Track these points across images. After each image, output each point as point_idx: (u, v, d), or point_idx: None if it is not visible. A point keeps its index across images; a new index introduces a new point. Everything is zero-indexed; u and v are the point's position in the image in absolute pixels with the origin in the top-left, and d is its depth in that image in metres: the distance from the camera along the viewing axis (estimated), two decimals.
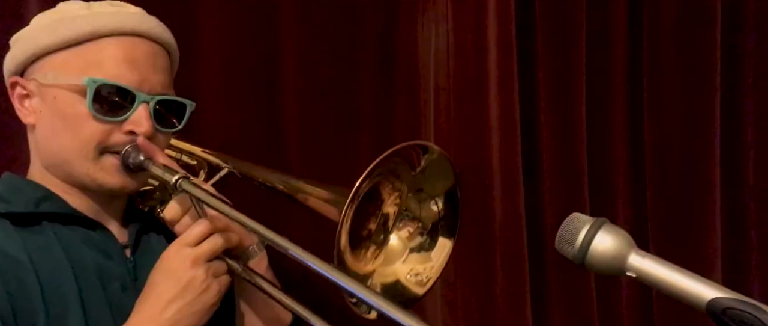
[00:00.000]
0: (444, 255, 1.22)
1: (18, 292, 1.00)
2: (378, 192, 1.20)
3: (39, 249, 1.06)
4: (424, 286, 1.21)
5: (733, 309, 0.67)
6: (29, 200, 1.10)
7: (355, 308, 1.06)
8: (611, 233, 0.75)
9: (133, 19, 1.12)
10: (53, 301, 1.03)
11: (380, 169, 1.10)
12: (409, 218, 1.23)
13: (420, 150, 1.17)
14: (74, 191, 1.13)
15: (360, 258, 1.19)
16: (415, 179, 1.20)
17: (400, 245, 1.23)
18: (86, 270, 1.08)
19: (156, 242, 1.19)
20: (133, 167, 1.09)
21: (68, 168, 1.11)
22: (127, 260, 1.15)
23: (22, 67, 1.13)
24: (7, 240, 1.04)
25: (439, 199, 1.22)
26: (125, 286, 1.11)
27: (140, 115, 1.09)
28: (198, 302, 1.03)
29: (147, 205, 1.22)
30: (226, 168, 1.33)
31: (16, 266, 1.02)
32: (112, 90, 1.07)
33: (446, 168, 1.19)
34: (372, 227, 1.22)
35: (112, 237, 1.15)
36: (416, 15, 1.86)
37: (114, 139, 1.09)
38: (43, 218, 1.09)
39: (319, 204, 1.18)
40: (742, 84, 2.21)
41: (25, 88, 1.12)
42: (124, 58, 1.09)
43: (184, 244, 1.06)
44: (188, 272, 1.03)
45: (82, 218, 1.13)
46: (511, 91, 1.83)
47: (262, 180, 1.31)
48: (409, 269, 1.21)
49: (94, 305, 1.06)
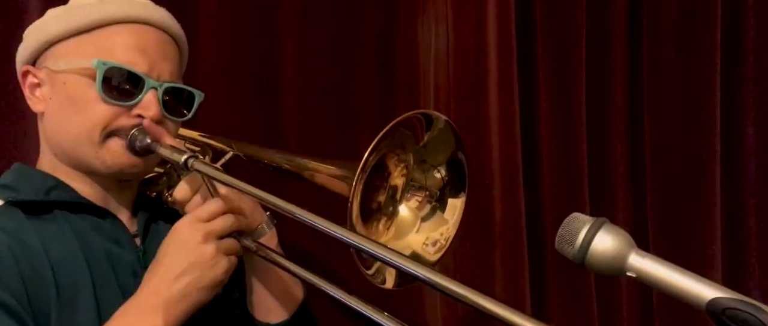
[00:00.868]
0: (457, 213, 1.23)
1: (32, 278, 1.01)
2: (384, 165, 1.20)
3: (51, 236, 1.06)
4: (441, 250, 1.21)
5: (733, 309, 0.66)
6: (39, 189, 1.10)
7: (372, 278, 1.06)
8: (611, 233, 0.75)
9: (143, 8, 1.14)
10: (66, 287, 1.04)
11: (386, 141, 1.11)
12: (416, 187, 1.23)
13: (424, 121, 1.17)
14: (84, 179, 1.14)
15: (372, 231, 1.20)
16: (419, 151, 1.20)
17: (411, 215, 1.23)
18: (98, 257, 1.09)
19: (165, 231, 1.18)
20: (140, 150, 1.10)
21: (77, 153, 1.11)
22: (137, 248, 1.15)
23: (34, 57, 1.14)
24: (20, 227, 1.05)
25: (441, 167, 1.22)
26: (136, 273, 1.11)
27: (149, 100, 1.10)
28: (207, 277, 1.03)
29: (154, 191, 1.23)
30: (231, 152, 1.32)
31: (30, 252, 1.03)
32: (122, 75, 1.08)
33: (448, 137, 1.20)
34: (381, 200, 1.22)
35: (121, 225, 1.16)
36: (416, 15, 1.86)
37: (121, 122, 1.10)
38: (54, 206, 1.10)
39: (327, 180, 1.18)
40: (742, 84, 2.21)
41: (36, 76, 1.13)
42: (135, 45, 1.10)
43: (196, 219, 1.06)
44: (199, 246, 1.03)
45: (91, 207, 1.13)
46: (511, 91, 1.83)
47: (268, 161, 1.31)
48: (423, 238, 1.22)
49: (106, 291, 1.07)
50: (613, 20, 2.02)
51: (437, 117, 1.17)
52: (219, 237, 1.06)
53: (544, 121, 1.93)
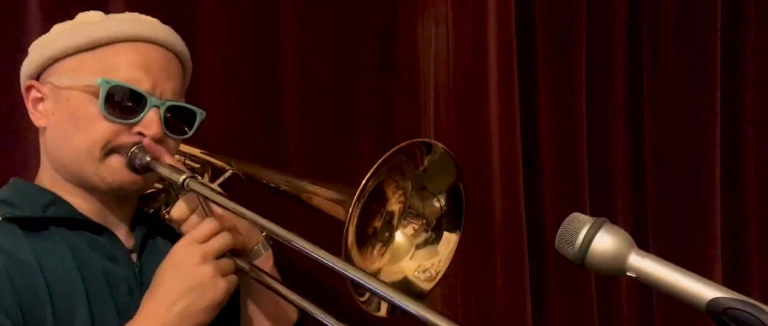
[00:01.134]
0: (450, 248, 1.23)
1: (27, 295, 1.01)
2: (383, 190, 1.20)
3: (47, 252, 1.06)
4: (433, 281, 1.21)
5: (733, 309, 0.66)
6: (36, 205, 1.10)
7: (365, 306, 1.06)
8: (611, 233, 0.75)
9: (148, 27, 1.14)
10: (61, 304, 1.03)
11: (385, 167, 1.11)
12: (414, 215, 1.23)
13: (423, 148, 1.17)
14: (83, 194, 1.14)
15: (367, 256, 1.19)
16: (418, 177, 1.20)
17: (406, 242, 1.23)
18: (93, 274, 1.08)
19: (162, 247, 1.19)
20: (140, 168, 1.10)
21: (77, 169, 1.11)
22: (134, 264, 1.15)
23: (38, 71, 1.14)
24: (16, 244, 1.05)
25: (441, 196, 1.22)
26: (132, 290, 1.11)
27: (151, 118, 1.10)
28: (206, 298, 1.02)
29: (152, 207, 1.22)
30: (230, 170, 1.33)
31: (25, 269, 1.02)
32: (124, 93, 1.09)
33: (449, 165, 1.19)
34: (377, 225, 1.22)
35: (117, 242, 1.15)
36: (416, 15, 1.86)
37: (122, 139, 1.10)
38: (50, 222, 1.10)
39: (324, 203, 1.19)
40: (742, 84, 2.21)
41: (40, 91, 1.14)
42: (139, 64, 1.10)
43: (193, 240, 1.06)
44: (197, 268, 1.03)
45: (88, 223, 1.13)
46: (511, 91, 1.83)
47: (266, 181, 1.31)
48: (416, 265, 1.21)
49: (101, 308, 1.07)
50: (613, 20, 2.02)
51: (435, 145, 1.17)
52: (216, 257, 1.05)
53: (544, 121, 1.93)
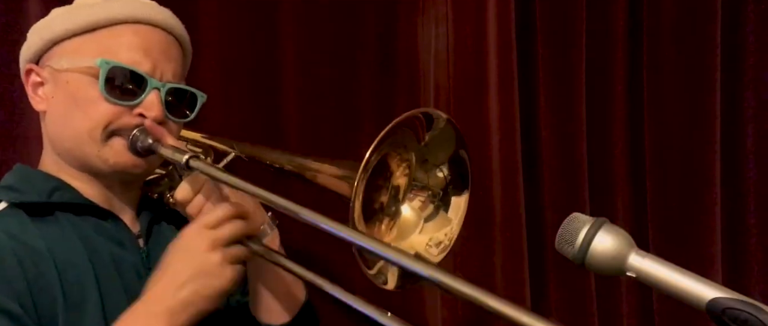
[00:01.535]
0: (461, 211, 1.22)
1: (37, 281, 1.01)
2: (387, 164, 1.19)
3: (55, 238, 1.06)
4: (445, 250, 1.20)
5: (733, 309, 0.66)
6: (42, 190, 1.10)
7: (374, 279, 1.05)
8: (611, 233, 0.75)
9: (147, 9, 1.13)
10: (71, 289, 1.03)
11: (388, 140, 1.10)
12: (419, 187, 1.22)
13: (424, 120, 1.16)
14: (87, 179, 1.13)
15: (374, 232, 1.18)
16: (421, 150, 1.19)
17: (414, 216, 1.22)
18: (102, 259, 1.08)
19: (168, 232, 1.19)
20: (142, 150, 1.09)
21: (79, 153, 1.11)
22: (141, 249, 1.15)
23: (38, 55, 1.14)
24: (24, 230, 1.04)
25: (443, 166, 1.21)
26: (140, 275, 1.11)
27: (151, 100, 1.09)
28: (212, 286, 1.01)
29: (156, 192, 1.22)
30: (233, 153, 1.31)
31: (34, 255, 1.02)
32: (125, 74, 1.08)
33: (450, 135, 1.18)
34: (384, 200, 1.21)
35: (124, 227, 1.15)
36: (416, 15, 1.86)
37: (123, 121, 1.09)
38: (56, 208, 1.09)
39: (329, 181, 1.17)
40: (742, 84, 2.21)
41: (39, 75, 1.13)
42: (139, 45, 1.10)
43: (203, 225, 1.03)
44: (205, 254, 1.01)
45: (94, 208, 1.13)
46: (511, 91, 1.83)
47: (270, 162, 1.30)
48: (427, 239, 1.20)
49: (111, 293, 1.07)
50: (613, 20, 2.02)
51: (438, 115, 1.15)
52: (226, 244, 1.04)
53: (544, 121, 1.93)
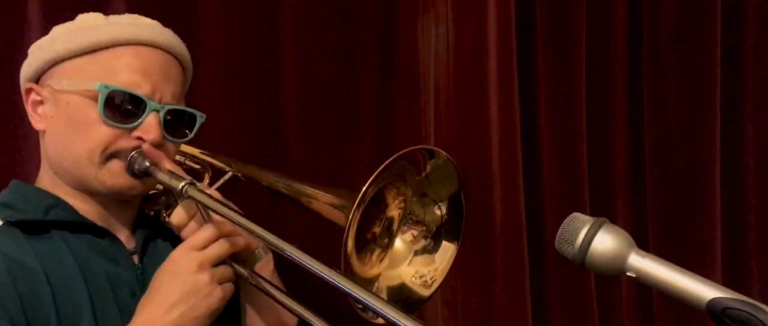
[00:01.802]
0: (448, 257, 1.22)
1: (31, 299, 1.01)
2: (383, 196, 1.20)
3: (49, 256, 1.06)
4: (430, 288, 1.21)
5: (733, 309, 0.66)
6: (38, 208, 1.10)
7: (363, 313, 1.06)
8: (611, 233, 0.75)
9: (148, 30, 1.13)
10: (65, 308, 1.03)
11: (386, 173, 1.10)
12: (414, 221, 1.23)
13: (426, 154, 1.17)
14: (84, 198, 1.13)
15: (365, 261, 1.19)
16: (420, 184, 1.20)
17: (405, 248, 1.23)
18: (96, 277, 1.08)
19: (164, 249, 1.18)
20: (139, 173, 1.10)
21: (77, 173, 1.11)
22: (136, 266, 1.15)
23: (38, 74, 1.14)
24: (18, 248, 1.04)
25: (442, 204, 1.22)
26: (134, 292, 1.11)
27: (150, 123, 1.09)
28: (201, 306, 1.02)
29: (152, 209, 1.22)
30: (230, 172, 1.32)
31: (28, 273, 1.02)
32: (124, 97, 1.08)
33: (451, 173, 1.19)
34: (377, 231, 1.21)
35: (119, 244, 1.15)
36: (416, 15, 1.86)
37: (121, 144, 1.09)
38: (52, 226, 1.09)
39: (323, 208, 1.18)
40: (742, 84, 2.21)
41: (39, 94, 1.13)
42: (138, 67, 1.10)
43: (190, 247, 1.06)
44: (193, 275, 1.03)
45: (90, 226, 1.13)
46: (511, 91, 1.83)
47: (267, 184, 1.31)
48: (414, 271, 1.21)
49: (105, 311, 1.07)
50: (613, 20, 2.02)
51: (438, 152, 1.16)
52: (214, 265, 1.05)
53: (544, 121, 1.93)
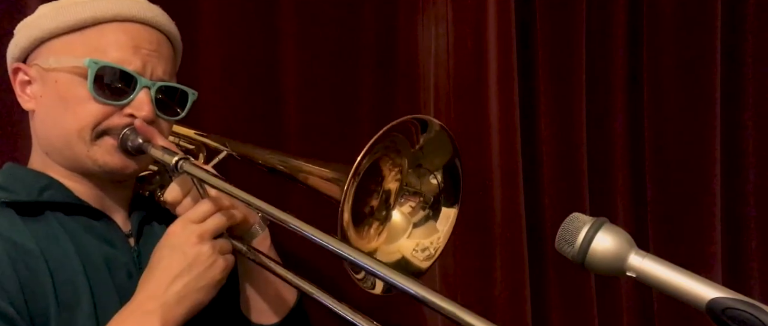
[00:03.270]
0: (449, 223, 1.21)
1: (29, 281, 1.00)
2: (379, 168, 1.19)
3: (46, 237, 1.05)
4: (432, 258, 1.20)
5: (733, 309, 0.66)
6: (32, 189, 1.09)
7: (360, 283, 1.05)
8: (611, 233, 0.75)
9: (136, 6, 1.12)
10: (64, 289, 1.03)
11: (380, 144, 1.09)
12: (411, 193, 1.22)
13: (419, 125, 1.16)
14: (77, 178, 1.12)
15: (363, 235, 1.18)
16: (414, 155, 1.19)
17: (403, 220, 1.22)
18: (92, 259, 1.07)
19: (159, 231, 1.18)
20: (132, 150, 1.08)
21: (68, 152, 1.10)
22: (132, 248, 1.14)
23: (25, 54, 1.12)
24: (15, 230, 1.04)
25: (437, 173, 1.21)
26: (131, 274, 1.10)
27: (141, 99, 1.08)
28: (204, 277, 1.02)
29: (147, 190, 1.22)
30: (225, 151, 1.31)
31: (26, 255, 1.02)
32: (114, 73, 1.07)
33: (445, 141, 1.18)
34: (374, 204, 1.21)
35: (115, 226, 1.14)
36: (416, 15, 1.86)
37: (113, 121, 1.08)
38: (46, 207, 1.09)
39: (320, 183, 1.17)
40: (742, 84, 2.21)
41: (27, 74, 1.12)
42: (128, 43, 1.08)
43: (189, 220, 1.05)
44: (194, 247, 1.03)
45: (85, 208, 1.12)
46: (511, 91, 1.83)
47: (262, 161, 1.29)
48: (414, 244, 1.20)
49: (102, 292, 1.06)
50: (613, 20, 2.02)
51: (431, 122, 1.15)
52: (213, 237, 1.06)
53: (544, 121, 1.93)
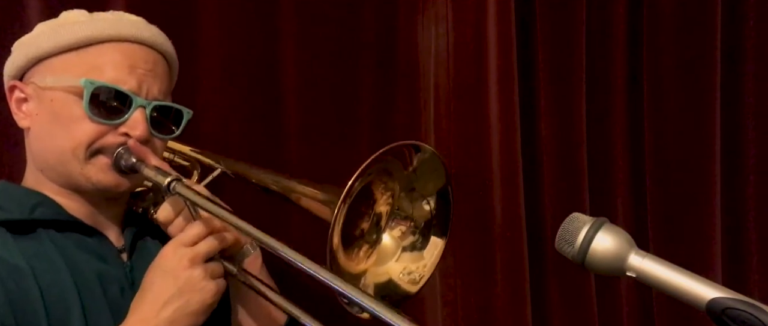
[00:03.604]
0: (436, 253, 1.22)
1: (19, 299, 1.00)
2: (370, 191, 1.19)
3: (37, 256, 1.05)
4: (417, 284, 1.21)
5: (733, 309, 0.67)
6: (24, 207, 1.09)
7: (349, 307, 1.06)
8: (611, 233, 0.75)
9: (133, 27, 1.12)
10: (55, 306, 1.03)
11: (373, 168, 1.10)
12: (402, 217, 1.23)
13: (412, 149, 1.16)
14: (70, 195, 1.13)
15: (353, 257, 1.19)
16: (407, 178, 1.20)
17: (393, 244, 1.23)
18: (85, 276, 1.07)
19: (152, 246, 1.18)
20: (126, 169, 1.09)
21: (62, 169, 1.10)
22: (124, 264, 1.14)
23: (22, 72, 1.13)
24: (5, 248, 1.04)
25: (430, 198, 1.21)
26: (123, 289, 1.11)
27: (136, 119, 1.09)
28: (195, 302, 1.02)
29: (140, 206, 1.22)
30: (219, 168, 1.32)
31: (16, 273, 1.02)
32: (109, 93, 1.08)
33: (438, 168, 1.19)
34: (365, 227, 1.21)
35: (107, 242, 1.15)
36: (416, 15, 1.86)
37: (107, 140, 1.09)
38: (38, 225, 1.09)
39: (312, 204, 1.18)
40: (742, 84, 2.21)
41: (23, 91, 1.12)
42: (123, 63, 1.09)
43: (180, 244, 1.05)
44: (185, 271, 1.02)
45: (77, 224, 1.12)
46: (511, 91, 1.83)
47: (256, 181, 1.30)
48: (402, 267, 1.21)
49: (94, 309, 1.06)
50: (613, 20, 2.02)
51: (424, 147, 1.16)
52: (205, 260, 1.05)
53: (544, 121, 1.93)
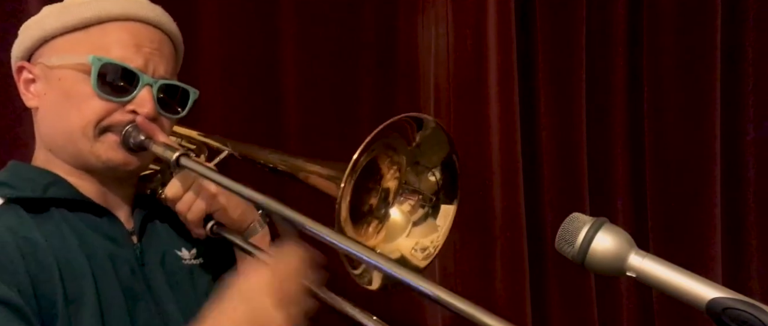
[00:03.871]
0: (449, 220, 1.21)
1: (38, 274, 1.01)
2: (377, 167, 1.19)
3: (51, 233, 1.06)
4: (429, 258, 1.20)
5: (733, 309, 0.66)
6: (37, 186, 1.10)
7: (358, 279, 1.06)
8: (611, 233, 0.75)
9: (138, 6, 1.13)
10: (71, 284, 1.03)
11: (378, 142, 1.10)
12: (410, 191, 1.22)
13: (415, 125, 1.16)
14: (81, 175, 1.13)
15: (361, 233, 1.18)
16: (411, 153, 1.19)
17: (403, 219, 1.22)
18: (97, 255, 1.08)
19: (161, 229, 1.19)
20: (134, 147, 1.10)
21: (71, 148, 1.11)
22: (134, 246, 1.15)
23: (29, 53, 1.14)
24: (23, 225, 1.04)
25: (436, 169, 1.21)
26: (133, 270, 1.11)
27: (143, 97, 1.10)
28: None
29: (149, 188, 1.23)
30: (226, 150, 1.32)
31: (36, 249, 1.02)
32: (117, 71, 1.08)
33: (441, 138, 1.18)
34: (373, 203, 1.21)
35: (118, 223, 1.15)
36: (416, 15, 1.86)
37: (115, 118, 1.10)
38: (51, 203, 1.09)
39: (319, 181, 1.17)
40: (742, 84, 2.21)
41: (31, 72, 1.13)
42: (130, 42, 1.10)
43: (275, 277, 0.94)
44: (267, 311, 0.91)
45: (89, 204, 1.13)
46: (511, 91, 1.84)
47: (263, 161, 1.30)
48: (413, 243, 1.21)
49: (107, 288, 1.07)
50: (613, 20, 2.02)
51: (426, 119, 1.16)
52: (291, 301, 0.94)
53: (544, 121, 1.93)
